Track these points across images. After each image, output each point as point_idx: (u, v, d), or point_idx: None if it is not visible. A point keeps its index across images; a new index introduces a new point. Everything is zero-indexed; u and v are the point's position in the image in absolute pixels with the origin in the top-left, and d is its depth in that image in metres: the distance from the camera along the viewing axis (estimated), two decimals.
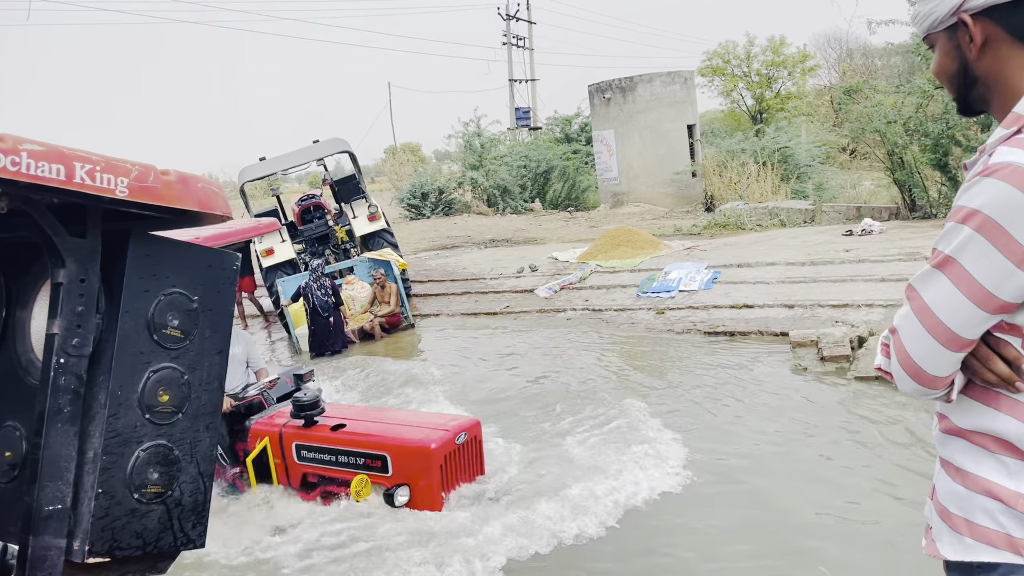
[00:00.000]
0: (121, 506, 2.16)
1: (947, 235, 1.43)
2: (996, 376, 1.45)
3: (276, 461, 5.73)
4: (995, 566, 1.47)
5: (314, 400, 5.60)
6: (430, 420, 5.69)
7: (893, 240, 11.97)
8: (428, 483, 5.18)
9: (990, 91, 1.51)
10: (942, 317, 1.42)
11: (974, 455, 1.51)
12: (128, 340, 2.18)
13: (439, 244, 18.82)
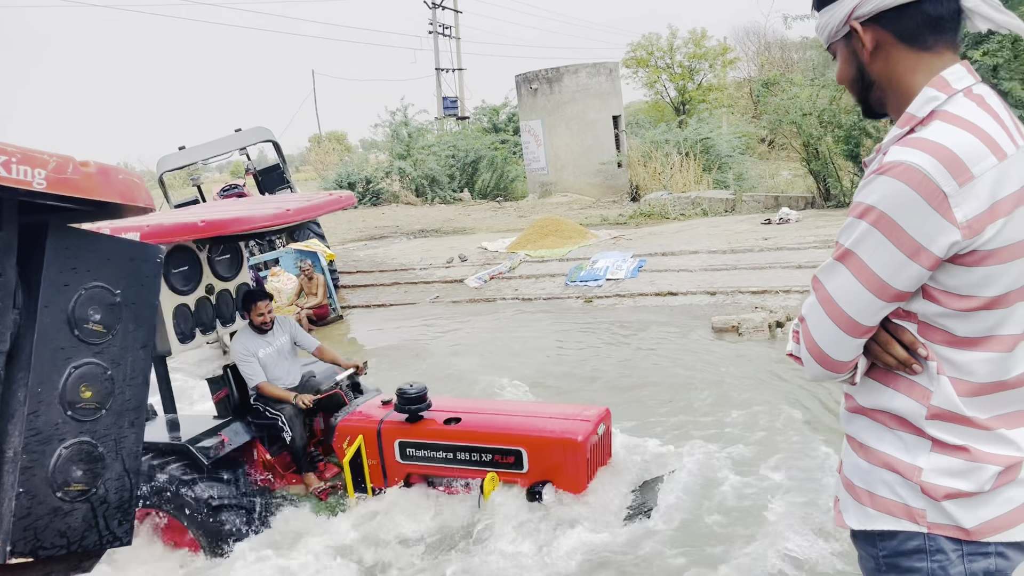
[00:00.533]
0: (43, 505, 2.12)
1: (847, 229, 1.51)
2: (895, 359, 1.55)
3: (371, 462, 5.22)
4: (895, 534, 1.58)
5: (421, 393, 5.14)
6: (561, 410, 5.18)
7: (809, 228, 12.42)
8: (574, 478, 4.78)
9: (885, 93, 1.60)
10: (843, 306, 1.51)
11: (875, 432, 1.62)
12: (48, 336, 2.13)
13: (367, 234, 18.64)
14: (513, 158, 27.52)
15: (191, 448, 4.92)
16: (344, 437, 5.27)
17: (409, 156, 25.97)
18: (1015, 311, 1.48)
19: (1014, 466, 1.53)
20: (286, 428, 5.35)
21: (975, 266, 1.43)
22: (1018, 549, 1.56)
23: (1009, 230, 1.42)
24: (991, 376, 1.50)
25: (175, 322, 5.10)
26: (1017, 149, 1.46)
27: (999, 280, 1.44)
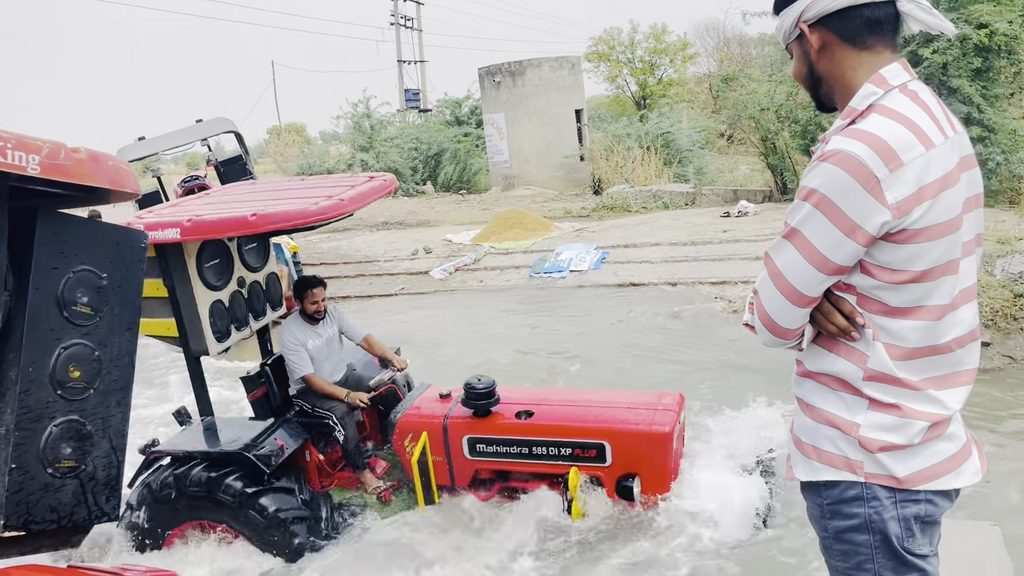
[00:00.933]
0: (35, 481, 2.19)
1: (793, 210, 1.68)
2: (836, 327, 1.72)
3: (436, 459, 4.99)
4: (836, 484, 1.77)
5: (490, 387, 4.90)
6: (637, 399, 4.96)
7: (766, 221, 12.72)
8: (661, 471, 4.63)
9: (832, 88, 1.77)
10: (790, 279, 1.69)
11: (820, 393, 1.80)
12: (38, 317, 2.20)
13: (329, 227, 18.55)
14: (476, 151, 27.58)
15: (250, 456, 4.60)
16: (406, 434, 5.03)
17: (372, 148, 25.88)
18: (941, 284, 1.65)
19: (941, 422, 1.72)
20: (338, 427, 5.08)
21: (904, 243, 1.61)
22: (945, 496, 1.74)
23: (934, 212, 1.60)
24: (921, 342, 1.68)
25: (212, 320, 4.85)
26: (945, 139, 1.63)
27: (926, 256, 1.62)
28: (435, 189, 25.74)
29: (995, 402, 6.01)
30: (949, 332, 1.69)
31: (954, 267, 1.66)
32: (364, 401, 5.09)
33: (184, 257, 4.67)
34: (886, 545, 1.72)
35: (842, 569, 1.81)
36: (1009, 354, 6.56)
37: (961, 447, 1.75)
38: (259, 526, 4.59)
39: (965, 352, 1.73)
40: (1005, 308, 6.91)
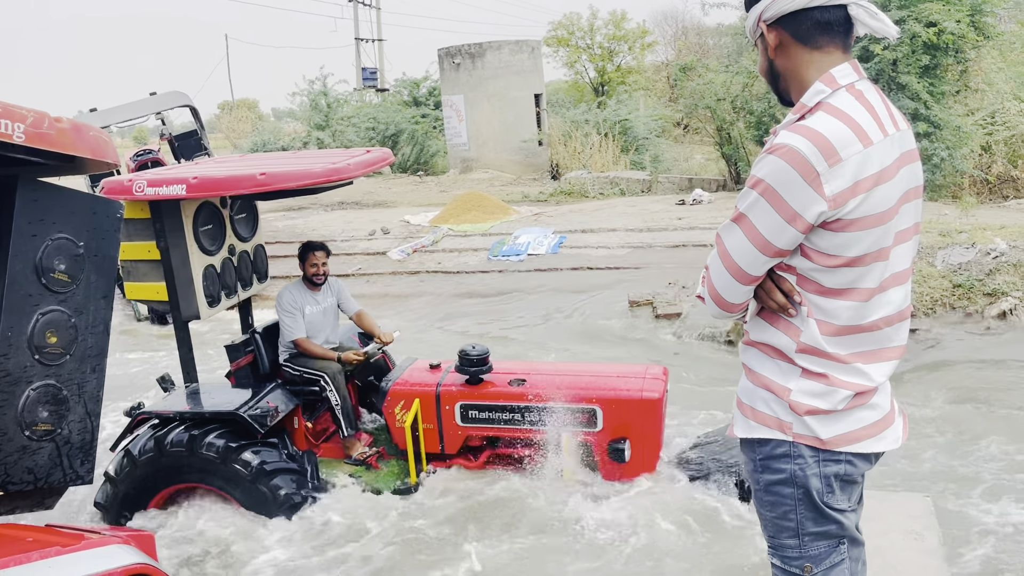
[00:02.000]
0: (13, 443, 2.24)
1: (742, 196, 1.84)
2: (776, 304, 1.89)
3: (427, 426, 5.09)
4: (768, 441, 1.95)
5: (484, 355, 5.04)
6: (627, 370, 5.16)
7: (720, 209, 13.01)
8: (649, 437, 4.81)
9: (789, 84, 1.92)
10: (736, 259, 1.85)
11: (760, 360, 1.97)
12: (17, 283, 2.24)
13: (285, 205, 18.39)
14: (434, 132, 27.46)
15: (245, 416, 4.62)
16: (397, 402, 5.10)
17: (328, 127, 25.63)
18: (872, 269, 1.82)
19: (866, 392, 1.89)
20: (330, 387, 5.11)
21: (839, 231, 1.76)
22: (864, 459, 1.94)
23: (867, 204, 1.75)
24: (850, 320, 1.85)
25: (204, 284, 4.87)
26: (885, 137, 1.78)
27: (858, 243, 1.78)
28: (392, 170, 25.58)
29: (935, 382, 6.34)
30: (877, 312, 1.85)
31: (885, 254, 1.81)
32: (358, 357, 5.13)
33: (182, 218, 4.67)
34: (808, 498, 1.91)
35: (769, 519, 2.00)
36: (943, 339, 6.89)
37: (883, 416, 1.93)
38: (244, 480, 4.58)
39: (893, 330, 1.90)
40: (944, 297, 7.23)
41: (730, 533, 4.43)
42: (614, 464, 4.87)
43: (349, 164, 4.40)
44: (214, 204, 5.01)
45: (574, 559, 4.29)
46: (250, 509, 4.67)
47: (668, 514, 4.59)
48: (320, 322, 5.32)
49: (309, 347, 5.19)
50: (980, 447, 5.33)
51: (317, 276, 5.24)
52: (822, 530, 1.93)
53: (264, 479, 4.59)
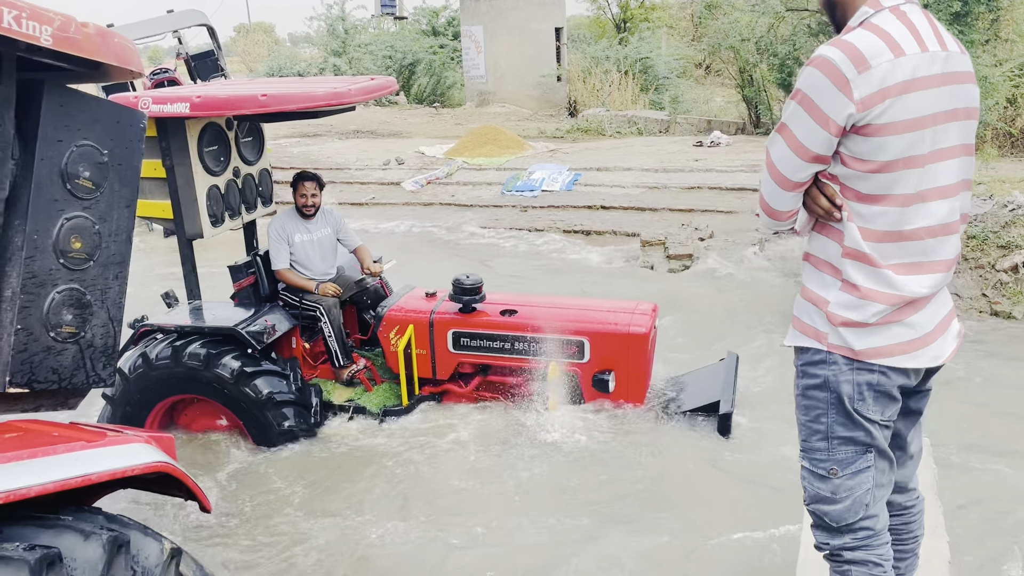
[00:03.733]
0: (39, 343, 2.31)
1: (785, 108, 2.00)
2: (821, 208, 2.02)
3: (420, 351, 5.23)
4: (807, 349, 2.11)
5: (477, 284, 5.14)
6: (617, 305, 5.26)
7: (738, 153, 12.88)
8: (635, 370, 4.94)
9: (844, 12, 2.02)
10: (779, 167, 1.99)
11: (809, 273, 2.13)
12: (43, 187, 2.28)
13: (300, 132, 18.32)
14: (452, 64, 27.04)
15: (242, 332, 4.78)
16: (392, 327, 5.25)
17: (344, 53, 25.28)
18: (904, 176, 1.92)
19: (904, 308, 2.00)
20: (325, 319, 5.25)
21: (870, 136, 1.89)
22: (899, 373, 2.05)
23: (896, 110, 1.86)
24: (889, 227, 1.96)
25: (208, 204, 4.94)
26: (924, 52, 1.88)
27: (888, 148, 1.89)
28: (408, 100, 25.32)
29: None
30: (916, 221, 1.95)
31: (918, 162, 1.91)
32: (336, 291, 5.23)
33: (187, 137, 4.75)
34: (839, 404, 2.05)
35: (804, 421, 2.15)
36: (956, 292, 6.89)
37: (921, 335, 2.02)
38: (252, 405, 4.78)
39: (937, 243, 1.98)
40: None
41: (707, 464, 4.56)
42: (599, 395, 5.00)
43: (351, 89, 4.43)
44: (219, 125, 5.06)
45: (550, 480, 4.43)
46: (248, 430, 4.88)
47: (646, 446, 4.73)
48: (314, 251, 5.40)
49: (288, 277, 5.29)
50: (980, 395, 5.39)
51: (307, 207, 5.32)
52: (850, 435, 2.05)
53: (272, 408, 4.79)
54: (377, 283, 5.72)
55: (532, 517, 4.12)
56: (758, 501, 4.13)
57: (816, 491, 2.12)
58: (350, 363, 5.45)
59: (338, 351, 5.36)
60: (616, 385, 4.96)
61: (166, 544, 2.09)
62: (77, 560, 1.82)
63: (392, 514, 4.22)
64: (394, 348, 5.19)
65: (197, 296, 5.25)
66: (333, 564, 3.84)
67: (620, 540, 3.88)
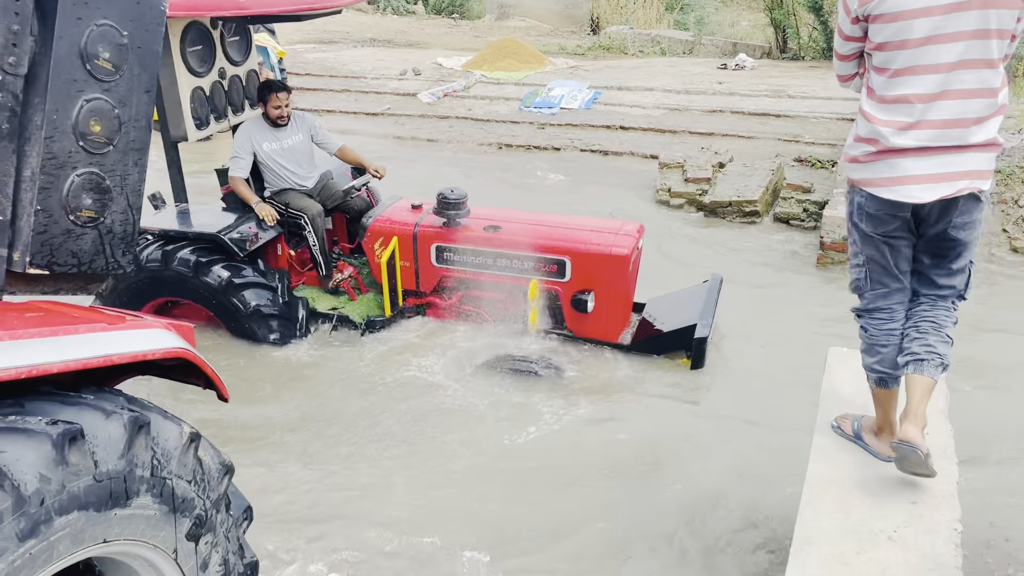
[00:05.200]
0: (58, 225, 2.29)
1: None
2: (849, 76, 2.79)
3: (404, 263, 5.23)
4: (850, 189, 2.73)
5: (462, 199, 5.10)
6: (601, 224, 5.20)
7: (763, 77, 12.57)
8: (616, 291, 4.90)
9: None
10: (835, 45, 2.72)
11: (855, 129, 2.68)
12: (62, 65, 2.22)
13: (315, 38, 17.92)
14: None
15: (224, 239, 4.81)
16: (376, 238, 5.23)
17: None
18: (897, 55, 2.47)
19: (885, 151, 2.52)
20: (308, 228, 5.27)
21: (871, 23, 2.51)
22: (884, 202, 2.57)
23: (884, 5, 2.44)
24: (883, 91, 2.53)
25: (192, 106, 4.88)
26: None
27: (881, 33, 2.49)
28: (426, 10, 24.65)
29: None
30: (905, 88, 2.47)
31: (907, 44, 2.43)
32: (269, 217, 5.15)
33: (168, 36, 4.62)
34: (849, 217, 2.75)
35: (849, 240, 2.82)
36: None
37: (901, 175, 2.51)
38: (239, 314, 4.88)
39: (927, 107, 2.45)
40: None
41: (671, 397, 4.61)
42: (579, 316, 4.96)
43: None
44: (203, 25, 4.93)
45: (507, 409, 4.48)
46: (222, 320, 4.96)
47: (615, 376, 4.81)
48: (288, 158, 5.34)
49: (239, 188, 5.23)
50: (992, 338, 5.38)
51: (281, 118, 5.25)
52: (853, 239, 2.77)
53: (257, 320, 4.89)
54: (364, 192, 5.67)
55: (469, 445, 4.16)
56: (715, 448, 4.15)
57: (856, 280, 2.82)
58: (335, 272, 5.48)
59: (322, 260, 5.41)
60: (596, 306, 4.90)
61: (185, 428, 2.12)
62: (99, 437, 1.85)
63: (353, 436, 4.27)
64: (378, 259, 5.17)
65: (184, 199, 5.24)
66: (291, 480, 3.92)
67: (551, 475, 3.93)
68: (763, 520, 3.54)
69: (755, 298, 5.90)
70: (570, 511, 3.66)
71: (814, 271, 6.53)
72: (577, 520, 3.60)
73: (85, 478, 1.78)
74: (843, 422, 2.90)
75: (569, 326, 5.06)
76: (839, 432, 2.88)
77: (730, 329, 5.30)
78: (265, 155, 5.27)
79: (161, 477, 2.00)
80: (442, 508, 3.69)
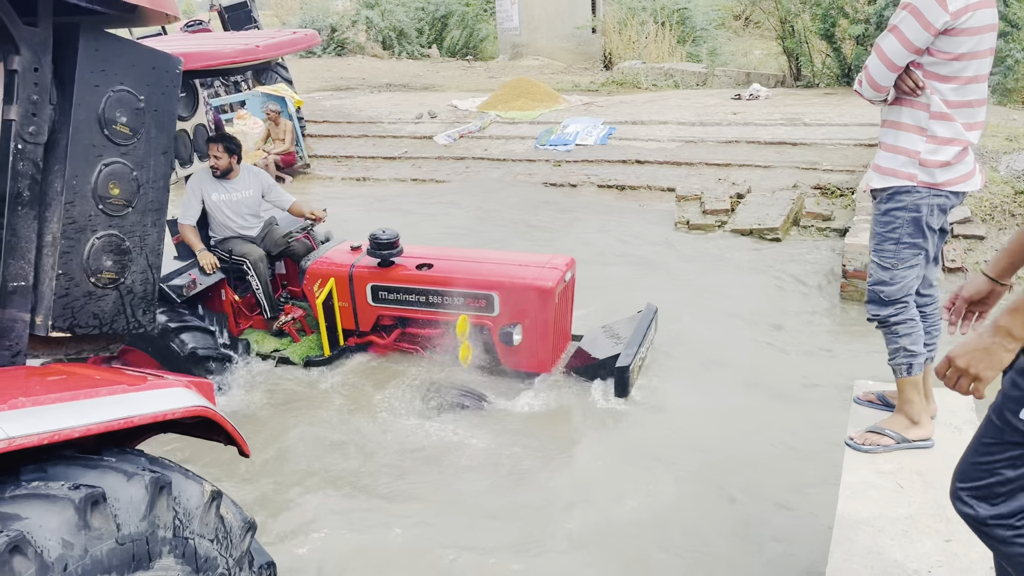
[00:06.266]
0: (79, 288, 2.33)
1: (895, 16, 2.79)
2: (908, 86, 2.85)
3: (343, 304, 5.38)
4: (893, 186, 2.93)
5: (394, 239, 5.27)
6: (530, 259, 5.33)
7: (777, 106, 12.58)
8: (542, 324, 4.99)
9: None
10: (889, 55, 2.81)
11: (898, 135, 2.93)
12: (81, 132, 2.27)
13: (333, 85, 18.24)
14: (485, 16, 26.63)
15: (163, 286, 4.91)
16: (315, 280, 5.39)
17: (377, 5, 24.98)
18: (969, 65, 2.77)
19: (963, 151, 2.87)
20: (251, 272, 5.45)
21: (954, 36, 2.72)
22: (956, 196, 2.92)
23: (973, 20, 2.69)
24: (956, 97, 2.82)
25: None
26: None
27: (964, 45, 2.73)
28: (440, 53, 25.05)
29: None
30: (973, 94, 2.83)
31: (980, 55, 2.75)
32: (212, 264, 5.34)
33: None
34: (915, 220, 2.90)
35: (880, 232, 2.97)
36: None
37: (971, 169, 2.90)
38: (176, 358, 4.97)
39: (980, 111, 2.86)
40: (1004, 204, 7.00)
41: (602, 425, 4.68)
42: (508, 349, 5.07)
43: (259, 46, 4.49)
44: None
45: (453, 435, 4.60)
46: (162, 364, 5.01)
47: (545, 405, 4.90)
48: (229, 209, 5.53)
49: (186, 234, 5.45)
50: None
51: (214, 168, 5.43)
52: (915, 242, 2.93)
53: (195, 363, 4.98)
54: (303, 236, 5.86)
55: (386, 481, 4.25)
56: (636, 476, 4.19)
57: (879, 277, 2.98)
58: (279, 314, 5.65)
59: (266, 304, 5.57)
60: (524, 338, 5.01)
61: (206, 487, 2.12)
62: (120, 500, 1.85)
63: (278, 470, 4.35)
64: (316, 300, 5.34)
65: None
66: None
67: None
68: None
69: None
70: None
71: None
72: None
73: (108, 542, 1.78)
74: (869, 437, 2.98)
75: (501, 359, 5.18)
76: (870, 449, 2.94)
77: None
78: (212, 205, 5.49)
79: (183, 537, 2.00)
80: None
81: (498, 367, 5.17)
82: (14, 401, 1.76)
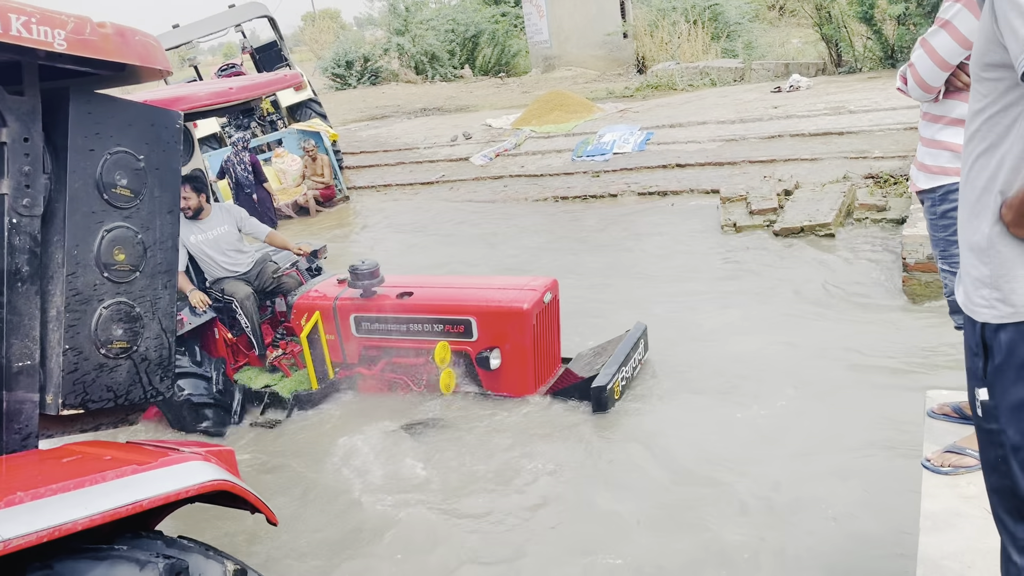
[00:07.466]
0: (89, 361, 2.23)
1: (946, 10, 2.59)
2: (962, 83, 2.69)
3: (329, 337, 5.43)
4: (945, 185, 2.83)
5: (373, 269, 5.28)
6: (509, 282, 5.37)
7: (819, 95, 12.19)
8: (520, 347, 4.97)
9: None
10: (941, 53, 2.65)
11: (942, 131, 2.84)
12: (78, 199, 2.18)
13: (368, 115, 18.36)
14: (515, 31, 26.63)
15: None
16: (301, 314, 5.47)
17: (407, 31, 25.17)
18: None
19: None
20: (239, 311, 5.50)
21: None
22: None
23: None
24: None
25: None
26: None
27: None
28: (473, 73, 25.10)
29: None
30: None
31: None
32: (203, 302, 5.34)
33: None
34: None
35: (941, 238, 2.90)
36: None
37: None
38: (172, 403, 4.99)
39: None
40: None
41: (581, 444, 4.51)
42: (489, 374, 5.04)
43: (232, 88, 4.46)
44: None
45: (438, 461, 4.48)
46: (171, 425, 5.09)
47: (526, 426, 4.75)
48: (212, 248, 5.53)
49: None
50: None
51: (185, 210, 5.36)
52: None
53: (190, 409, 5.00)
54: (293, 271, 5.86)
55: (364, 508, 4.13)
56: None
57: (954, 286, 2.79)
58: (281, 342, 5.70)
59: (255, 341, 5.60)
60: (504, 362, 4.97)
61: (229, 566, 1.99)
62: None
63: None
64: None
65: None
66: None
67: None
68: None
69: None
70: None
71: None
72: None
73: None
74: (948, 458, 2.70)
75: (484, 384, 5.14)
76: (950, 471, 2.66)
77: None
78: (193, 247, 5.48)
79: None
80: None
81: (482, 392, 5.16)
82: (11, 497, 1.65)
